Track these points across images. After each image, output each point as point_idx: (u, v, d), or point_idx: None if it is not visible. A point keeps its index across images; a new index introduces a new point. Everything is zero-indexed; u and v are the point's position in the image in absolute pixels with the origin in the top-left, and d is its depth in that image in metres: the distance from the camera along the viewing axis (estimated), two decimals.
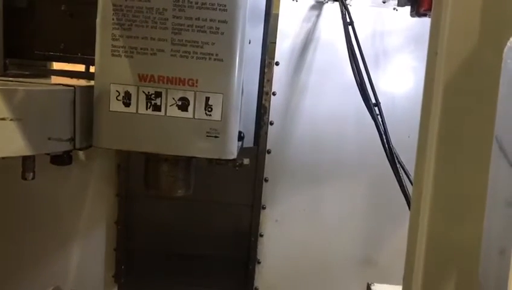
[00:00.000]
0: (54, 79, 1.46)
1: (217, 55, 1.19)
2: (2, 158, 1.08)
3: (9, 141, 1.07)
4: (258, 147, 1.91)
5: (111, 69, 1.20)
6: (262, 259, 2.19)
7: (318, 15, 2.05)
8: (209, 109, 1.20)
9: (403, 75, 2.08)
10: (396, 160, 1.68)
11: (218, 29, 1.18)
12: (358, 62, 1.77)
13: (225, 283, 2.23)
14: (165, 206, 2.15)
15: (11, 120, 1.06)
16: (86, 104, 1.21)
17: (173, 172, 1.37)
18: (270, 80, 2.05)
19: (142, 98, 1.20)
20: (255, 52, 1.40)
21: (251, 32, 1.30)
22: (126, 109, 1.21)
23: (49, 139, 1.14)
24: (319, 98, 2.09)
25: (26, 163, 1.21)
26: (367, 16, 2.03)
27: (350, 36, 1.80)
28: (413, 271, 0.89)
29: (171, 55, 1.19)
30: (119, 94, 1.20)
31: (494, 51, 0.72)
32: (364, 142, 2.06)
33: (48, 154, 1.23)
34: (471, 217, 0.82)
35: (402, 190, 1.65)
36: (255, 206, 2.15)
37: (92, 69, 1.31)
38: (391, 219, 2.11)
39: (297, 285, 2.22)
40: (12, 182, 1.54)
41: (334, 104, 2.08)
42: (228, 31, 1.18)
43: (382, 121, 1.74)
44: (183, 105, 1.20)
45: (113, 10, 1.18)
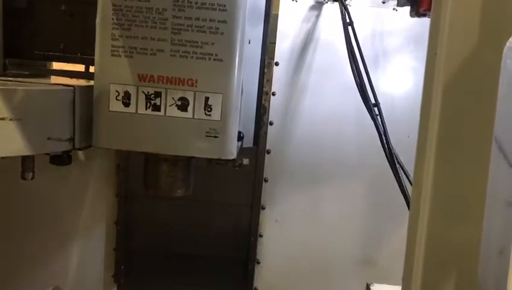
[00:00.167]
0: (53, 79, 1.45)
1: (216, 55, 1.19)
2: (2, 158, 1.08)
3: (9, 141, 1.07)
4: (257, 147, 1.91)
5: (111, 69, 1.20)
6: (262, 259, 2.19)
7: (318, 15, 2.05)
8: (209, 109, 1.20)
9: (403, 75, 2.08)
10: (395, 160, 1.68)
11: (217, 29, 1.18)
12: (357, 62, 1.77)
13: (224, 283, 2.23)
14: (164, 206, 2.15)
15: (11, 120, 1.06)
16: (85, 104, 1.21)
17: (173, 172, 1.37)
18: (269, 80, 2.05)
19: (142, 98, 1.20)
20: (254, 52, 1.40)
21: (251, 33, 1.30)
22: (126, 109, 1.21)
23: (49, 139, 1.14)
24: (319, 98, 2.09)
25: (26, 163, 1.21)
26: (366, 16, 2.03)
27: (350, 36, 1.80)
28: (413, 271, 0.89)
29: (171, 55, 1.19)
30: (119, 94, 1.20)
31: (493, 51, 0.72)
32: (363, 142, 2.06)
33: (48, 154, 1.23)
34: (470, 217, 0.82)
35: (401, 190, 1.65)
36: (255, 206, 2.15)
37: (91, 69, 1.31)
38: (390, 219, 2.11)
39: (297, 285, 2.21)
40: (11, 182, 1.54)
41: (333, 105, 2.08)
42: (228, 31, 1.18)
43: (381, 121, 1.74)
44: (183, 105, 1.20)
45: (113, 10, 1.18)
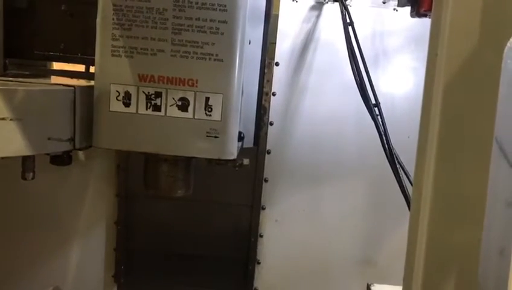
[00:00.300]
0: (53, 79, 1.45)
1: (217, 55, 1.19)
2: (2, 158, 1.08)
3: (9, 141, 1.07)
4: (257, 147, 1.91)
5: (111, 69, 1.20)
6: (262, 259, 2.19)
7: (318, 15, 2.05)
8: (209, 109, 1.20)
9: (403, 75, 2.08)
10: (396, 160, 1.68)
11: (218, 29, 1.18)
12: (358, 62, 1.77)
13: (225, 283, 2.23)
14: (164, 206, 2.15)
15: (11, 120, 1.06)
16: (85, 104, 1.21)
17: (173, 172, 1.37)
18: (270, 80, 2.05)
19: (142, 98, 1.20)
20: (255, 52, 1.40)
21: (251, 33, 1.30)
22: (126, 109, 1.21)
23: (49, 139, 1.14)
24: (319, 99, 2.09)
25: (26, 163, 1.21)
26: (367, 17, 2.03)
27: (350, 36, 1.80)
28: (413, 271, 0.89)
29: (171, 56, 1.19)
30: (119, 94, 1.20)
31: (494, 52, 0.72)
32: (364, 142, 2.06)
33: (48, 154, 1.23)
34: (471, 217, 0.82)
35: (402, 191, 1.65)
36: (255, 206, 2.15)
37: (92, 69, 1.31)
38: (391, 219, 2.11)
39: (297, 285, 2.21)
40: (12, 182, 1.54)
41: (334, 105, 2.08)
42: (228, 32, 1.18)
43: (382, 121, 1.74)
44: (183, 105, 1.20)
45: (113, 10, 1.18)
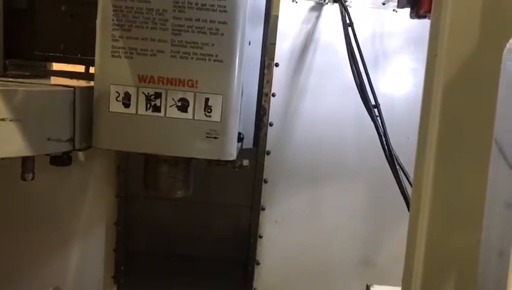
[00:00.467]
0: (53, 80, 1.46)
1: (216, 56, 1.19)
2: (2, 159, 1.08)
3: (9, 142, 1.07)
4: (257, 148, 1.91)
5: (111, 70, 1.20)
6: (262, 260, 2.19)
7: (318, 16, 2.05)
8: (209, 110, 1.20)
9: (403, 76, 2.08)
10: (395, 161, 1.68)
11: (218, 30, 1.18)
12: (357, 64, 1.77)
13: (224, 284, 2.23)
14: (164, 207, 2.15)
15: (11, 121, 1.06)
16: (85, 104, 1.21)
17: (173, 173, 1.37)
18: (269, 81, 2.05)
19: (142, 99, 1.20)
20: (254, 53, 1.40)
21: (251, 34, 1.30)
22: (126, 110, 1.21)
23: (49, 139, 1.14)
24: (319, 100, 2.09)
25: (26, 164, 1.21)
26: (367, 18, 2.03)
27: (350, 38, 1.80)
28: (413, 273, 0.89)
29: (171, 56, 1.19)
30: (119, 95, 1.20)
31: (493, 53, 0.72)
32: (363, 143, 2.06)
33: (48, 155, 1.23)
34: (470, 219, 0.82)
35: (401, 192, 1.65)
36: (255, 207, 2.15)
37: (91, 70, 1.31)
38: (390, 220, 2.11)
39: (297, 286, 2.21)
40: (11, 183, 1.54)
41: (333, 106, 2.08)
42: (228, 32, 1.18)
43: (381, 122, 1.74)
44: (183, 106, 1.20)
45: (113, 11, 1.18)
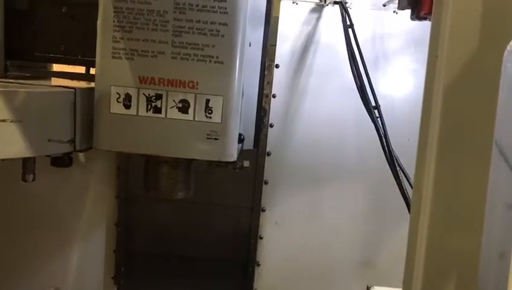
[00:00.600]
0: (54, 81, 1.46)
1: (217, 57, 1.19)
2: (2, 160, 1.08)
3: (10, 143, 1.07)
4: (257, 149, 1.91)
5: (111, 71, 1.20)
6: (262, 261, 2.19)
7: (318, 18, 2.05)
8: (210, 111, 1.20)
9: (403, 78, 2.08)
10: (396, 163, 1.68)
11: (218, 31, 1.18)
12: (358, 65, 1.77)
13: (225, 285, 2.23)
14: (165, 208, 2.15)
15: (12, 122, 1.07)
16: (86, 106, 1.21)
17: (173, 174, 1.37)
18: (270, 82, 2.05)
19: (143, 100, 1.20)
20: (255, 54, 1.40)
21: (251, 35, 1.30)
22: (126, 111, 1.21)
23: (50, 141, 1.14)
24: (319, 101, 2.09)
25: (27, 165, 1.21)
26: (367, 19, 2.03)
27: (350, 39, 1.80)
28: (413, 275, 0.89)
29: (172, 58, 1.19)
30: (120, 96, 1.20)
31: (494, 55, 0.72)
32: (364, 145, 2.06)
33: (48, 156, 1.23)
34: (471, 220, 0.82)
35: (402, 193, 1.65)
36: (255, 208, 2.15)
37: (92, 71, 1.31)
38: (391, 222, 2.11)
39: (297, 287, 2.21)
40: (12, 184, 1.54)
41: (333, 107, 2.09)
42: (228, 34, 1.18)
43: (382, 123, 1.74)
44: (184, 107, 1.20)
45: (114, 12, 1.18)
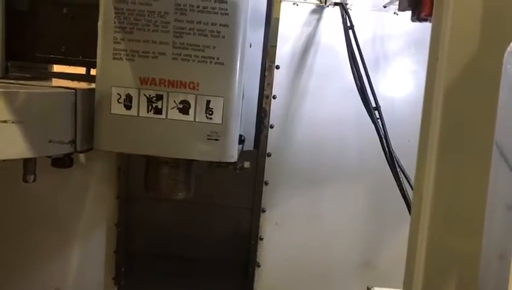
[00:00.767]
0: (55, 82, 1.46)
1: (218, 58, 1.19)
2: (3, 161, 1.08)
3: (11, 144, 1.08)
4: (258, 150, 1.91)
5: (112, 72, 1.20)
6: (262, 262, 2.19)
7: (318, 19, 2.06)
8: (210, 112, 1.20)
9: (403, 79, 2.09)
10: (396, 164, 1.68)
11: (219, 32, 1.19)
12: (358, 66, 1.77)
13: (225, 285, 2.23)
14: (165, 208, 2.15)
15: (13, 123, 1.07)
16: (87, 106, 1.21)
17: (174, 175, 1.37)
18: (270, 83, 2.05)
19: (143, 101, 1.20)
20: (255, 55, 1.40)
21: (252, 36, 1.30)
22: (127, 112, 1.21)
23: (50, 141, 1.14)
24: (319, 102, 2.09)
25: (27, 165, 1.22)
26: (367, 20, 2.03)
27: (350, 40, 1.80)
28: (414, 276, 0.89)
29: (173, 59, 1.19)
30: (121, 97, 1.20)
31: (494, 56, 0.73)
32: (364, 146, 2.06)
33: (49, 156, 1.23)
34: (471, 221, 0.82)
35: (402, 194, 1.65)
36: (255, 209, 2.15)
37: (93, 72, 1.31)
38: (391, 223, 2.11)
39: (297, 288, 2.21)
40: (13, 184, 1.54)
41: (334, 108, 2.09)
42: (229, 35, 1.19)
43: (382, 124, 1.74)
44: (184, 108, 1.20)
45: (115, 13, 1.18)
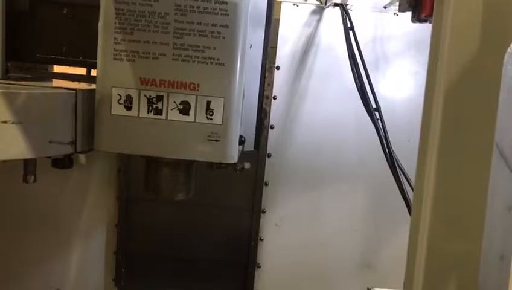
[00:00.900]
0: (55, 82, 1.46)
1: (218, 59, 1.19)
2: (4, 161, 1.08)
3: (11, 144, 1.08)
4: (258, 151, 1.91)
5: (113, 72, 1.20)
6: (262, 263, 2.19)
7: (319, 20, 2.06)
8: (210, 113, 1.20)
9: (403, 80, 2.08)
10: (396, 165, 1.68)
11: (219, 33, 1.19)
12: (358, 67, 1.77)
13: (225, 286, 2.23)
14: (165, 209, 2.15)
15: (13, 123, 1.07)
16: (87, 107, 1.21)
17: (174, 176, 1.37)
18: (270, 84, 2.05)
19: (144, 101, 1.20)
20: (256, 56, 1.40)
21: (252, 37, 1.31)
22: (127, 113, 1.21)
23: (51, 142, 1.14)
24: (320, 103, 2.09)
25: (28, 166, 1.22)
26: (368, 21, 2.03)
27: (351, 41, 1.80)
28: (414, 276, 0.89)
29: (173, 59, 1.19)
30: (121, 98, 1.20)
31: (494, 57, 0.73)
32: (364, 146, 2.06)
33: (49, 157, 1.23)
34: (471, 222, 0.82)
35: (402, 195, 1.65)
36: (255, 210, 2.15)
37: (93, 73, 1.31)
38: (391, 224, 2.11)
39: (297, 289, 2.21)
40: (13, 185, 1.54)
41: (334, 109, 2.09)
42: (229, 36, 1.19)
43: (382, 125, 1.74)
44: (185, 109, 1.20)
45: (116, 14, 1.18)
